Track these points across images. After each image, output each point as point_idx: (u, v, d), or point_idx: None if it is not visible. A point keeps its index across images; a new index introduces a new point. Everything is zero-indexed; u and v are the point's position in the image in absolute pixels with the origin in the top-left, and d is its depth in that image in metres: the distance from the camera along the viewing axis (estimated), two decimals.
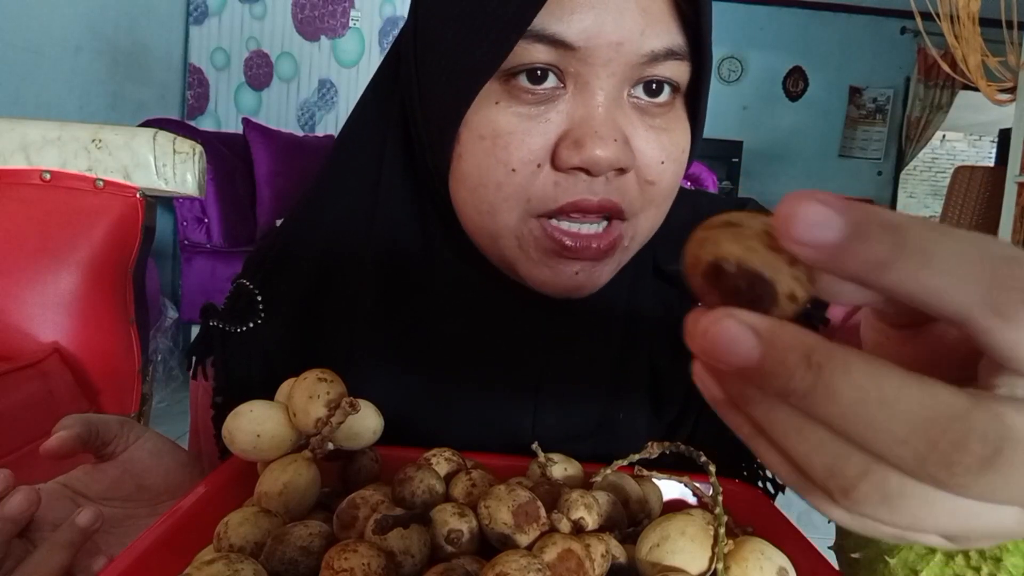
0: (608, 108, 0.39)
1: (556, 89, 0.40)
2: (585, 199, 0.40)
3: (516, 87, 0.40)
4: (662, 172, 0.42)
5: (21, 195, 0.89)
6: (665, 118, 0.42)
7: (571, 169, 0.40)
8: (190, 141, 0.92)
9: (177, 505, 0.35)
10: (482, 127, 0.40)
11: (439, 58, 0.42)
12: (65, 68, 2.37)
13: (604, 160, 0.39)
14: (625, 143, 0.40)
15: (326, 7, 3.38)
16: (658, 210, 0.44)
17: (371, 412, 0.39)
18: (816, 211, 0.16)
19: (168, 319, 2.63)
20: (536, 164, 0.40)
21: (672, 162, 0.42)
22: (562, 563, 0.30)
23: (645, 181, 0.42)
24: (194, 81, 3.33)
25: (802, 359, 0.16)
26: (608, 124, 0.39)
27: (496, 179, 0.40)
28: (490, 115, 0.40)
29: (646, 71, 0.40)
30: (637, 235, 0.44)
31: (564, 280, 0.42)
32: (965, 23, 3.05)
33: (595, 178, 0.40)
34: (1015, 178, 2.92)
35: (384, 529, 0.30)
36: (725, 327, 0.17)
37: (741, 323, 0.17)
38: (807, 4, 5.67)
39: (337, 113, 3.45)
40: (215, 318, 0.51)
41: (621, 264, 0.45)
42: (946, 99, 5.79)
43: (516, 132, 0.40)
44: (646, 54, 0.39)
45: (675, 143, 0.42)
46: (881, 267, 0.16)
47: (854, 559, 0.31)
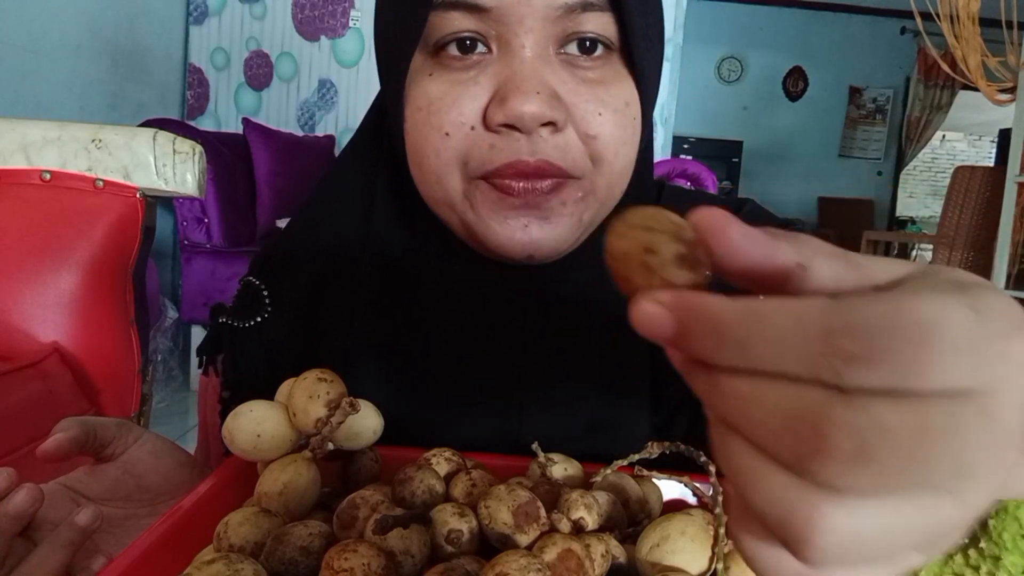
0: (532, 64, 0.40)
1: (484, 55, 0.41)
2: (521, 159, 0.40)
3: (446, 57, 0.41)
4: (602, 124, 0.42)
5: (21, 195, 0.89)
6: (599, 71, 0.42)
7: (501, 127, 0.40)
8: (190, 141, 0.92)
9: (177, 505, 0.35)
10: (419, 98, 0.42)
11: (380, 42, 0.45)
12: (65, 68, 2.37)
13: (528, 113, 0.39)
14: (552, 96, 0.40)
15: (326, 7, 3.38)
16: (612, 167, 0.43)
17: (371, 412, 0.39)
18: (652, 312, 0.19)
19: (168, 319, 2.63)
20: (469, 127, 0.41)
21: (612, 112, 0.42)
22: (562, 563, 0.30)
23: (586, 135, 0.42)
24: (194, 81, 3.33)
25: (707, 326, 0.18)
26: (532, 79, 0.39)
27: (433, 145, 0.42)
28: (424, 86, 0.42)
29: (568, 26, 0.40)
30: (595, 191, 0.43)
31: (517, 234, 0.42)
32: (965, 23, 3.05)
33: (530, 136, 0.40)
34: (1015, 178, 2.92)
35: (384, 529, 0.30)
36: (644, 307, 0.19)
37: (654, 301, 0.19)
38: (807, 4, 5.67)
39: (337, 113, 3.45)
40: (223, 315, 0.52)
41: (581, 224, 0.44)
42: (946, 99, 5.79)
43: (446, 97, 0.41)
44: (560, 6, 0.40)
45: (612, 94, 0.42)
46: (709, 355, 0.18)
47: None
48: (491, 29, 0.40)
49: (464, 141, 0.41)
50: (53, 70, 2.31)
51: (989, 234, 3.12)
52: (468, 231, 0.44)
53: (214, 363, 0.53)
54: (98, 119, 2.45)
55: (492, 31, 0.40)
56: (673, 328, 0.19)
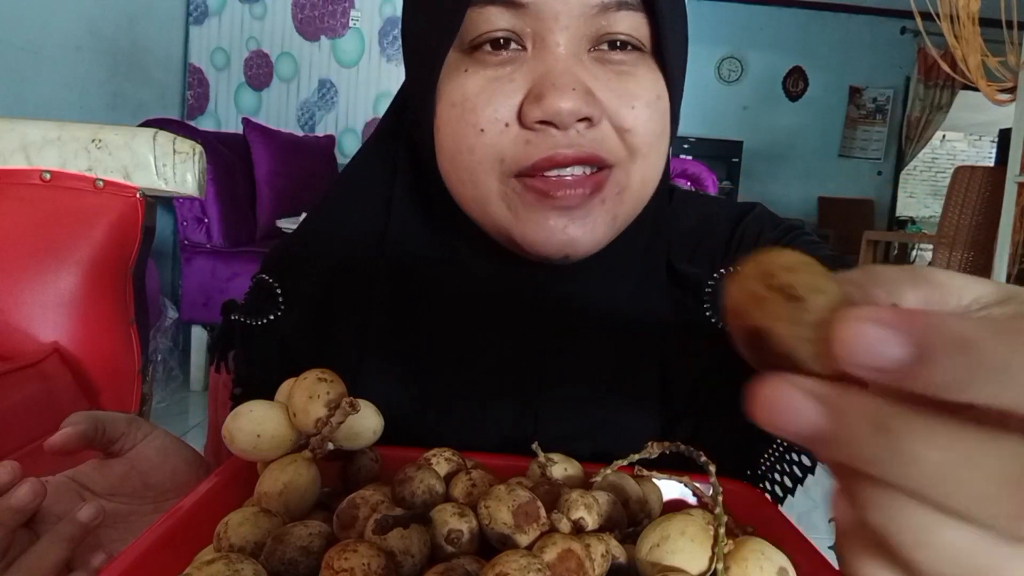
0: (567, 62, 0.40)
1: (518, 52, 0.41)
2: (559, 152, 0.41)
3: (481, 53, 0.41)
4: (636, 117, 0.42)
5: (21, 195, 0.89)
6: (631, 65, 0.42)
7: (537, 124, 0.40)
8: (190, 141, 0.92)
9: (177, 505, 0.35)
10: (453, 95, 0.42)
11: (413, 38, 0.45)
12: (65, 68, 2.37)
13: (565, 110, 0.39)
14: (587, 93, 0.40)
15: (326, 7, 3.38)
16: (646, 161, 0.43)
17: (371, 412, 0.39)
18: (876, 335, 0.15)
19: (168, 319, 2.63)
20: (504, 123, 0.41)
21: (644, 106, 0.42)
22: (562, 563, 0.30)
23: (621, 129, 0.42)
24: (194, 81, 3.33)
25: (871, 426, 0.15)
26: (566, 75, 0.40)
27: (468, 142, 0.42)
28: (459, 82, 0.42)
29: (602, 25, 0.41)
30: (629, 186, 0.43)
31: (556, 235, 0.42)
32: (965, 23, 3.05)
33: (566, 132, 0.40)
34: (1015, 178, 2.92)
35: (384, 529, 0.30)
36: (785, 396, 0.16)
37: (800, 390, 0.16)
38: (807, 4, 5.67)
39: (337, 113, 3.45)
40: (236, 312, 0.52)
41: (616, 218, 0.44)
42: (946, 99, 5.79)
43: (482, 94, 0.41)
44: (595, 4, 0.40)
45: (643, 87, 0.42)
46: (956, 389, 0.15)
47: None
48: (527, 26, 0.40)
49: (500, 138, 0.41)
50: (53, 70, 2.31)
51: (989, 234, 3.12)
52: (501, 231, 0.44)
53: (225, 360, 0.53)
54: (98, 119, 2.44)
55: (528, 28, 0.40)
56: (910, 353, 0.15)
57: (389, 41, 3.41)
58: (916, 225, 6.28)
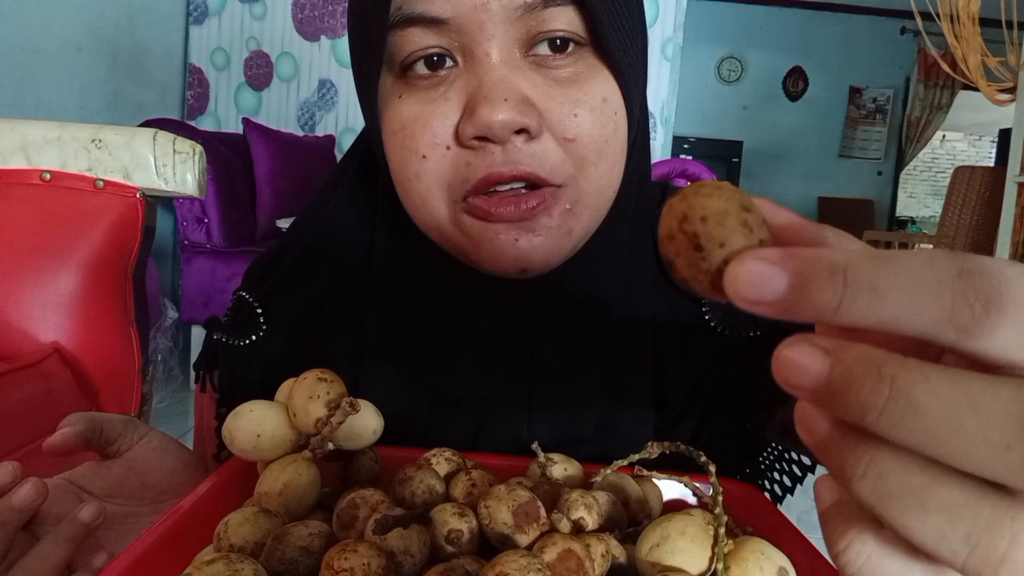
0: (500, 71, 0.38)
1: (451, 69, 0.40)
2: (495, 170, 0.39)
3: (414, 76, 0.40)
4: (579, 125, 0.39)
5: (21, 195, 0.89)
6: (571, 69, 0.40)
7: (474, 141, 0.39)
8: (190, 141, 0.92)
9: (177, 505, 0.35)
10: (392, 122, 0.41)
11: (353, 65, 0.44)
12: (65, 68, 2.37)
13: (498, 123, 0.37)
14: (522, 102, 0.38)
15: (326, 7, 3.38)
16: (598, 169, 0.41)
17: (371, 412, 0.39)
18: (758, 269, 0.17)
19: (168, 319, 2.63)
20: (444, 146, 0.40)
21: (589, 112, 0.39)
22: (562, 563, 0.30)
23: (564, 139, 0.40)
24: (194, 81, 3.33)
25: (871, 370, 0.16)
26: (499, 86, 0.38)
27: (413, 169, 0.41)
28: (395, 109, 0.41)
29: (532, 26, 0.39)
30: (582, 200, 0.41)
31: (508, 250, 0.40)
32: (965, 23, 3.05)
33: (504, 147, 0.38)
34: (1015, 178, 2.92)
35: (384, 529, 0.30)
36: (796, 350, 0.17)
37: (810, 343, 0.17)
38: (807, 4, 5.67)
39: (337, 113, 3.45)
40: (218, 331, 0.51)
41: (573, 232, 0.42)
42: (946, 99, 5.79)
43: (419, 118, 0.40)
44: (519, 7, 0.38)
45: (587, 92, 0.40)
46: (833, 311, 0.16)
47: None
48: (453, 41, 0.39)
49: (442, 162, 0.40)
50: (53, 70, 2.31)
51: (989, 234, 3.12)
52: (459, 253, 0.43)
53: (210, 376, 0.52)
54: (98, 119, 2.45)
55: (455, 42, 0.39)
56: (788, 283, 0.16)
57: None
58: (916, 225, 6.29)
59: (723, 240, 0.18)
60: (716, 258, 0.18)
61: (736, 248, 0.18)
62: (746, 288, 0.17)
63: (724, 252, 0.18)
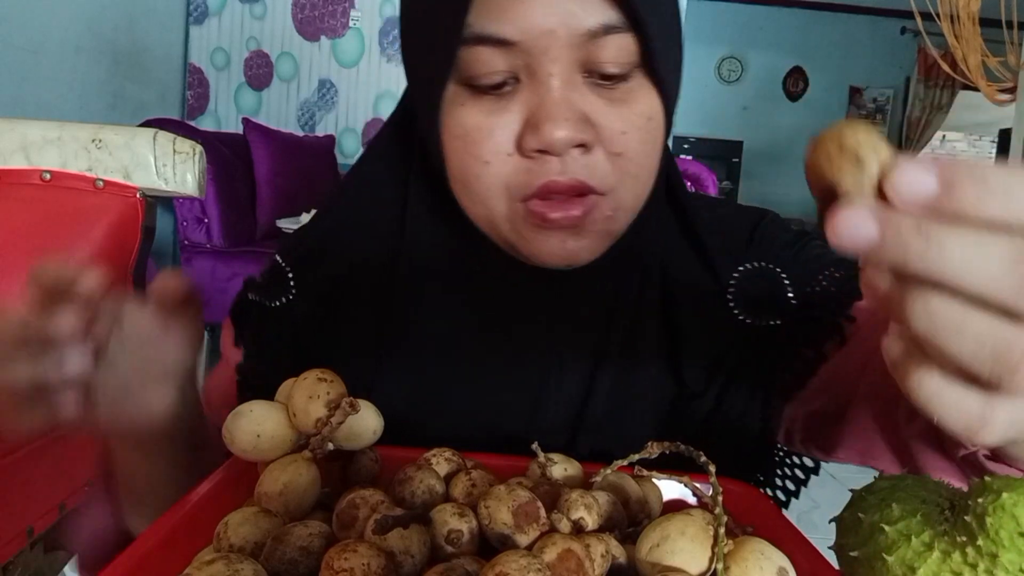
0: (561, 91, 0.42)
1: (514, 84, 0.43)
2: (553, 180, 0.43)
3: (478, 89, 0.43)
4: (627, 142, 0.44)
5: (21, 195, 0.89)
6: (623, 89, 0.44)
7: (535, 153, 0.42)
8: (190, 141, 0.92)
9: (177, 505, 0.35)
10: (455, 127, 0.44)
11: (411, 70, 0.47)
12: (65, 68, 2.37)
13: (560, 140, 0.41)
14: (582, 120, 0.42)
15: (326, 7, 3.38)
16: (637, 181, 0.46)
17: (371, 412, 0.39)
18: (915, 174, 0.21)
19: None
20: (506, 153, 0.43)
21: (636, 130, 0.44)
22: (562, 563, 0.30)
23: (613, 154, 0.44)
24: (194, 81, 3.33)
25: (913, 227, 0.20)
26: (561, 105, 0.42)
27: (475, 171, 0.44)
28: (459, 116, 0.44)
29: (590, 49, 0.42)
30: (621, 206, 0.46)
31: (556, 250, 0.45)
32: (965, 23, 3.06)
33: (562, 158, 0.42)
34: None
35: (384, 529, 0.30)
36: (851, 214, 0.21)
37: (860, 208, 0.21)
38: (807, 4, 5.67)
39: (337, 113, 3.45)
40: (252, 290, 0.54)
41: (612, 235, 0.47)
42: (946, 99, 5.79)
43: (483, 128, 0.43)
44: (583, 34, 0.41)
45: (636, 112, 0.44)
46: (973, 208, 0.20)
47: (853, 557, 0.31)
48: (518, 60, 0.42)
49: (503, 168, 0.44)
50: (53, 70, 2.31)
51: None
52: (508, 245, 0.47)
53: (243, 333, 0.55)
54: (98, 119, 2.45)
55: (520, 62, 0.42)
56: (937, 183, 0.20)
57: (389, 41, 3.41)
58: None
59: (877, 150, 0.22)
60: (874, 168, 0.22)
61: (886, 157, 0.22)
62: (907, 189, 0.21)
63: (880, 159, 0.22)
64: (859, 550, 0.30)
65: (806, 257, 0.53)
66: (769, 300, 0.51)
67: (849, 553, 0.31)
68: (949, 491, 0.29)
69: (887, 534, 0.29)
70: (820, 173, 0.23)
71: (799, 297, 0.51)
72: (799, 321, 0.50)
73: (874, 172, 0.22)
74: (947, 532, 0.27)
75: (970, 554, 0.26)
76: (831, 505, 0.37)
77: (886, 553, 0.28)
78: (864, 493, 0.32)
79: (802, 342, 0.50)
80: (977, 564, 0.26)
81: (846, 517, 0.32)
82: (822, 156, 0.23)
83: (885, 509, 0.29)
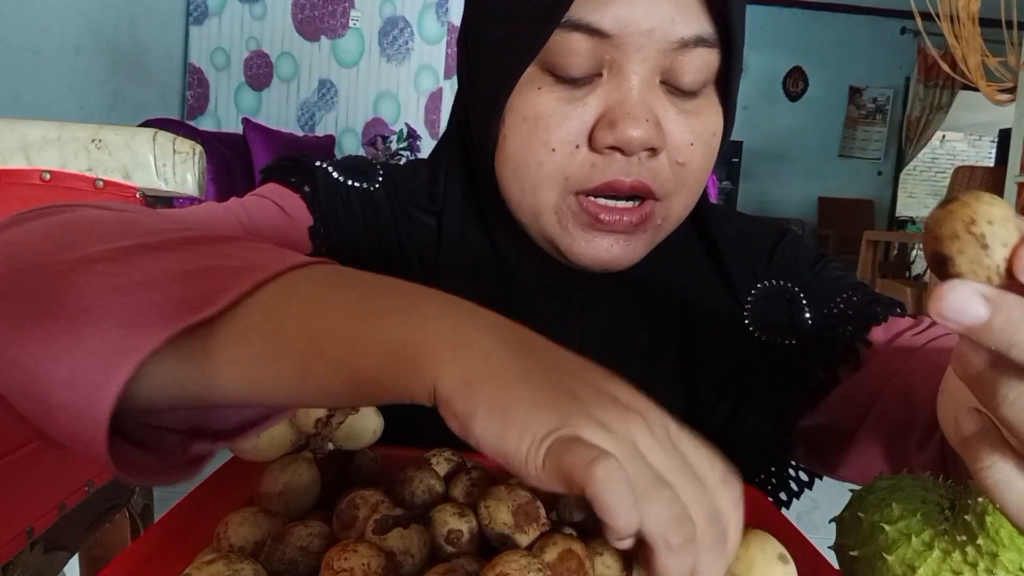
0: (641, 92, 0.42)
1: (594, 75, 0.42)
2: (618, 179, 0.43)
3: (560, 74, 0.43)
4: (692, 153, 0.44)
5: (21, 195, 0.89)
6: (695, 103, 0.44)
7: (606, 149, 0.42)
8: (190, 141, 0.92)
9: (177, 505, 0.35)
10: (525, 110, 0.43)
11: (486, 48, 0.45)
12: (65, 68, 2.37)
13: (636, 139, 0.41)
14: (657, 125, 0.42)
15: (326, 7, 3.38)
16: (690, 192, 0.46)
17: (371, 412, 0.39)
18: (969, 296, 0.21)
19: None
20: (575, 144, 0.43)
21: (702, 144, 0.44)
22: (562, 563, 0.30)
23: (676, 162, 0.44)
24: (194, 81, 3.33)
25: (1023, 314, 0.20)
26: (641, 106, 0.41)
27: (537, 158, 0.43)
28: (533, 99, 0.43)
29: (677, 58, 0.42)
30: (670, 215, 0.46)
31: (600, 253, 0.45)
32: (965, 23, 3.06)
33: (629, 158, 0.42)
34: (1015, 178, 2.93)
35: (384, 529, 0.30)
36: (960, 292, 0.21)
37: (972, 289, 0.21)
38: (807, 4, 5.67)
39: (337, 113, 3.45)
40: (334, 167, 0.53)
41: (654, 242, 0.47)
42: (946, 99, 5.79)
43: (556, 114, 0.43)
44: (676, 41, 0.41)
45: (704, 127, 0.44)
46: None
47: (853, 557, 0.31)
48: (606, 53, 0.41)
49: (568, 158, 0.43)
50: (53, 70, 2.31)
51: None
52: (548, 239, 0.46)
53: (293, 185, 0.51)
54: (98, 119, 2.45)
55: (607, 55, 0.42)
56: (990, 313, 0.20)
57: (389, 41, 3.41)
58: (916, 225, 6.28)
59: (1006, 240, 0.21)
60: (999, 255, 0.21)
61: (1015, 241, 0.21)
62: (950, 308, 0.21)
63: (1006, 250, 0.21)
64: (859, 549, 0.30)
65: (825, 279, 0.53)
66: (786, 319, 0.52)
67: (849, 552, 0.31)
68: (949, 491, 0.29)
69: (887, 533, 0.29)
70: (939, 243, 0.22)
71: (816, 318, 0.51)
72: (815, 342, 0.50)
73: (998, 261, 0.21)
74: (947, 531, 0.27)
75: (970, 553, 0.26)
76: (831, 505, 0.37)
77: (886, 552, 0.28)
78: (864, 493, 0.32)
79: (817, 363, 0.50)
80: (977, 563, 0.26)
81: (846, 517, 0.32)
82: (946, 229, 0.22)
83: (885, 508, 0.29)
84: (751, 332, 0.52)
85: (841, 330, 0.49)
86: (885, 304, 0.50)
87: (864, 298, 0.51)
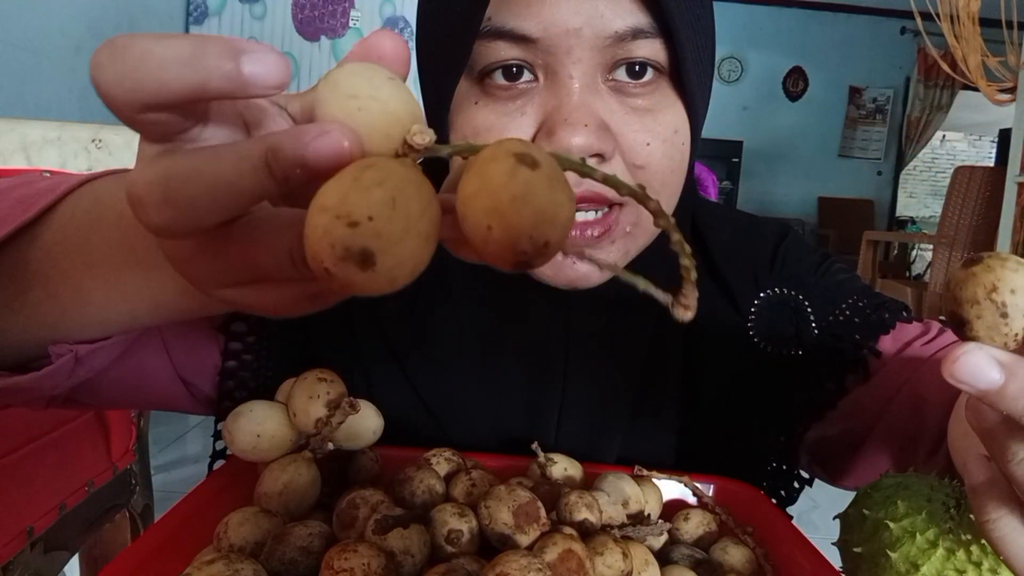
0: (581, 95, 0.39)
1: (530, 83, 0.40)
2: None
3: (492, 85, 0.40)
4: (650, 154, 0.41)
5: None
6: (649, 98, 0.41)
7: None
8: None
9: (177, 505, 0.35)
10: (464, 127, 0.41)
11: (423, 65, 0.44)
12: (65, 68, 2.37)
13: (576, 147, 0.38)
14: (600, 128, 0.39)
15: (326, 7, 3.38)
16: (659, 196, 0.42)
17: (371, 412, 0.39)
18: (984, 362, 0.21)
19: None
20: None
21: (661, 143, 0.41)
22: (562, 563, 0.30)
23: (633, 165, 0.41)
24: None
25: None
26: (579, 110, 0.39)
27: None
28: (470, 115, 0.41)
29: (618, 53, 0.39)
30: (641, 222, 0.43)
31: (566, 271, 0.42)
32: (965, 23, 3.05)
33: None
34: (1015, 178, 2.92)
35: (384, 529, 0.30)
36: (975, 357, 0.21)
37: (987, 354, 0.21)
38: (807, 4, 5.67)
39: None
40: None
41: (630, 251, 0.44)
42: (946, 99, 5.79)
43: (494, 128, 0.40)
44: (609, 36, 0.39)
45: (661, 123, 0.41)
46: None
47: (857, 554, 0.31)
48: (538, 58, 0.39)
49: None
50: (53, 70, 2.31)
51: (989, 234, 3.12)
52: None
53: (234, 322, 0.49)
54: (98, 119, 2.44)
55: (539, 60, 0.39)
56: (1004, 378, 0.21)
57: None
58: (916, 225, 6.29)
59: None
60: (1019, 325, 0.21)
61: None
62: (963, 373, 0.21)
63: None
64: (863, 546, 0.30)
65: (830, 282, 0.51)
66: (791, 329, 0.50)
67: (853, 549, 0.31)
68: (955, 490, 0.29)
69: (891, 531, 0.29)
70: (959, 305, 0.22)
71: (822, 326, 0.50)
72: (822, 352, 0.49)
73: (1016, 330, 0.21)
74: (952, 530, 0.27)
75: (974, 552, 0.26)
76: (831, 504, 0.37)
77: (890, 550, 0.28)
78: (870, 490, 0.32)
79: (824, 374, 0.48)
80: (981, 562, 0.26)
81: (851, 513, 0.32)
82: (967, 292, 0.22)
83: (890, 506, 0.29)
84: (755, 343, 0.50)
85: (849, 340, 0.48)
86: (892, 309, 0.49)
87: (870, 303, 0.49)
